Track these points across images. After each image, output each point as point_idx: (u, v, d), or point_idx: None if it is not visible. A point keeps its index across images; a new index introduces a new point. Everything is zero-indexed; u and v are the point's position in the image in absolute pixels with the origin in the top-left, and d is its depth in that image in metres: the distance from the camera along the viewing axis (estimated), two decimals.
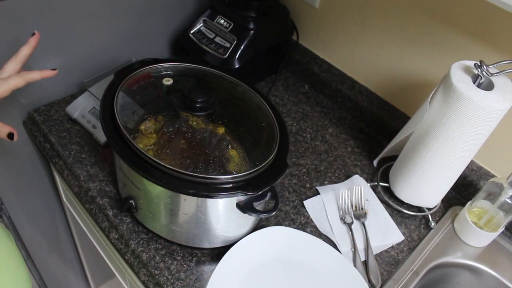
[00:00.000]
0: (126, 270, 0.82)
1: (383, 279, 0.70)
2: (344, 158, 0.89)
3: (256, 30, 0.91)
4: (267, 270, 0.66)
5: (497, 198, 0.72)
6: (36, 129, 0.86)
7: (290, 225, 0.75)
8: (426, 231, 0.79)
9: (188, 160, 0.72)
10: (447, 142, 0.68)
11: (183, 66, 0.75)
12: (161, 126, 0.77)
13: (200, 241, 0.68)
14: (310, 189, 0.82)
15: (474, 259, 0.75)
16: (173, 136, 0.76)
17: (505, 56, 0.71)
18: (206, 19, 0.95)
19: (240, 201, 0.60)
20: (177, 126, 0.78)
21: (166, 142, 0.75)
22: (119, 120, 0.63)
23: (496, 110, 0.63)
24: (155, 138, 0.75)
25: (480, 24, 0.72)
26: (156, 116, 0.78)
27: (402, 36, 0.84)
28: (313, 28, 1.01)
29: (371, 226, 0.77)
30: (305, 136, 0.93)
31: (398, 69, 0.88)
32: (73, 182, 0.78)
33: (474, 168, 0.82)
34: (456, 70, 0.67)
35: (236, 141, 0.78)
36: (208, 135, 0.77)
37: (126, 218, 0.72)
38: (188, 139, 0.76)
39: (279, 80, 1.06)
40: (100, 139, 0.82)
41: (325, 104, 1.02)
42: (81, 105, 0.84)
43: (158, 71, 0.73)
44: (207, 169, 0.71)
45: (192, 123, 0.79)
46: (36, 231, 1.11)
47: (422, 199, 0.78)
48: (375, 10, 0.86)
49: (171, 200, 0.61)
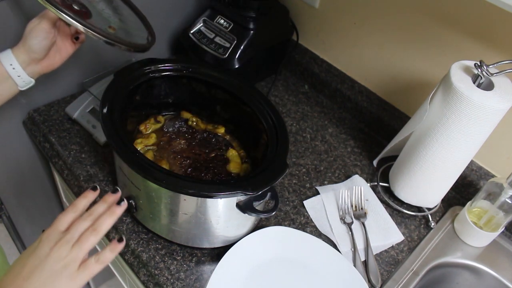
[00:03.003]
0: (126, 270, 0.82)
1: (383, 279, 0.70)
2: (344, 158, 0.89)
3: (256, 30, 0.91)
4: (267, 270, 0.66)
5: (497, 198, 0.72)
6: (36, 129, 0.86)
7: (290, 225, 0.75)
8: (426, 231, 0.79)
9: (188, 160, 0.72)
10: (447, 142, 0.68)
11: (183, 66, 0.75)
12: (161, 126, 0.77)
13: (200, 241, 0.68)
14: (310, 189, 0.82)
15: (474, 259, 0.75)
16: (173, 136, 0.76)
17: (505, 56, 0.71)
18: (206, 19, 0.95)
19: (240, 201, 0.60)
20: (177, 126, 0.78)
21: (166, 142, 0.75)
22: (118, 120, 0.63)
23: (496, 110, 0.63)
24: (155, 138, 0.75)
25: (480, 24, 0.72)
26: (156, 116, 0.78)
27: (402, 36, 0.84)
28: (313, 28, 1.01)
29: (371, 226, 0.77)
30: (305, 136, 0.93)
31: (398, 69, 0.88)
32: (73, 182, 0.78)
33: (474, 168, 0.82)
34: (456, 70, 0.67)
35: (236, 141, 0.78)
36: (208, 135, 0.77)
37: (126, 218, 0.72)
38: (188, 139, 0.76)
39: (279, 80, 1.06)
40: (100, 139, 0.82)
41: (325, 104, 1.02)
42: (81, 105, 0.84)
43: (158, 71, 0.73)
44: (207, 169, 0.71)
45: (192, 123, 0.79)
46: (36, 231, 1.11)
47: (422, 199, 0.78)
48: (375, 10, 0.86)
49: (171, 200, 0.61)
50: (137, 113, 0.76)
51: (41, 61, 0.65)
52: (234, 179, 0.69)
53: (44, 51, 0.64)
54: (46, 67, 0.66)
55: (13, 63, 0.63)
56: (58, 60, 0.68)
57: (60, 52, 0.67)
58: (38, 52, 0.63)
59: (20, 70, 0.63)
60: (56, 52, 0.67)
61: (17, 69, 0.63)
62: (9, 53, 0.63)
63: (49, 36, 0.63)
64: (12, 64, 0.63)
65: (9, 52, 0.63)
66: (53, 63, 0.67)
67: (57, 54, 0.67)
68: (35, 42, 0.62)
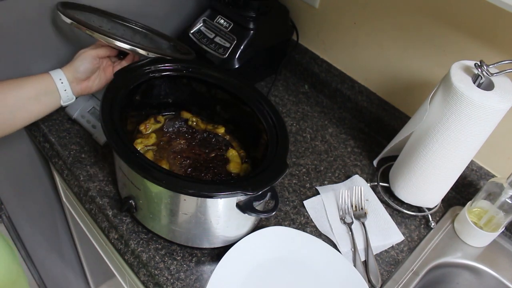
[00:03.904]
0: (126, 270, 0.82)
1: (383, 279, 0.70)
2: (344, 158, 0.89)
3: (256, 30, 0.91)
4: (267, 270, 0.66)
5: (497, 198, 0.72)
6: (36, 129, 0.86)
7: (290, 225, 0.75)
8: (426, 231, 0.79)
9: (188, 160, 0.72)
10: (447, 142, 0.68)
11: (183, 66, 0.75)
12: (161, 126, 0.77)
13: (200, 241, 0.68)
14: (310, 189, 0.82)
15: (474, 259, 0.75)
16: (173, 136, 0.76)
17: (505, 56, 0.71)
18: (206, 19, 0.95)
19: (240, 201, 0.60)
20: (177, 126, 0.78)
21: (166, 142, 0.75)
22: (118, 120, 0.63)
23: (496, 110, 0.63)
24: (155, 138, 0.75)
25: (480, 24, 0.72)
26: (156, 116, 0.78)
27: (402, 36, 0.84)
28: (313, 28, 1.01)
29: (371, 226, 0.77)
30: (305, 136, 0.93)
31: (398, 69, 0.88)
32: (73, 182, 0.78)
33: (474, 168, 0.82)
34: (456, 70, 0.67)
35: (236, 141, 0.78)
36: (208, 135, 0.77)
37: (125, 218, 0.72)
38: (188, 139, 0.76)
39: (279, 80, 1.06)
40: (99, 139, 0.82)
41: (325, 104, 1.02)
42: (80, 105, 0.84)
43: (158, 71, 0.73)
44: (207, 169, 0.71)
45: (192, 123, 0.79)
46: (36, 231, 1.11)
47: (422, 199, 0.78)
48: (375, 10, 0.86)
49: (171, 200, 0.61)
50: (137, 113, 0.76)
51: (82, 82, 0.75)
52: (234, 179, 0.69)
53: (87, 73, 0.75)
54: (85, 88, 0.76)
55: (62, 78, 0.72)
56: (97, 85, 0.77)
57: (100, 78, 0.77)
58: (82, 73, 0.74)
59: (67, 86, 0.73)
60: (96, 78, 0.77)
61: (65, 84, 0.73)
62: (59, 71, 0.73)
63: (93, 62, 0.74)
64: (61, 79, 0.72)
65: (59, 70, 0.73)
66: (91, 86, 0.77)
67: (97, 79, 0.77)
68: (80, 64, 0.73)
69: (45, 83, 0.71)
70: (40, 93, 0.71)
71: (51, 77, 0.71)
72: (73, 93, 0.74)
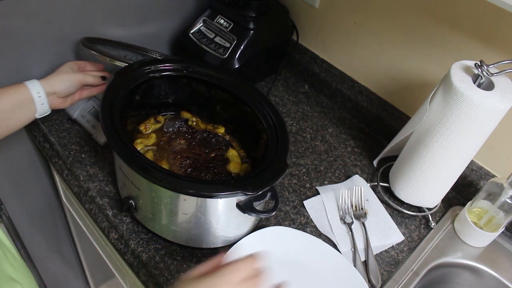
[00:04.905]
0: (126, 270, 0.82)
1: (383, 279, 0.70)
2: (344, 158, 0.89)
3: (256, 30, 0.91)
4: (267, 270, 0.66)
5: (497, 198, 0.72)
6: (36, 129, 0.86)
7: (290, 225, 0.75)
8: (426, 231, 0.79)
9: (188, 160, 0.72)
10: (447, 142, 0.68)
11: (183, 66, 0.75)
12: (161, 126, 0.77)
13: (200, 241, 0.68)
14: (310, 189, 0.82)
15: (474, 259, 0.75)
16: (173, 136, 0.76)
17: (505, 56, 0.71)
18: (206, 19, 0.95)
19: (240, 201, 0.60)
20: (177, 126, 0.78)
21: (166, 142, 0.75)
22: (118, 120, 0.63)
23: (496, 110, 0.63)
24: (155, 138, 0.75)
25: (480, 24, 0.72)
26: (156, 116, 0.78)
27: (402, 36, 0.84)
28: (313, 28, 1.00)
29: (371, 226, 0.77)
30: (305, 136, 0.93)
31: (398, 69, 0.88)
32: (73, 182, 0.78)
33: (474, 168, 0.82)
34: (456, 70, 0.67)
35: (236, 141, 0.78)
36: (208, 135, 0.77)
37: (125, 218, 0.71)
38: (188, 139, 0.76)
39: (279, 80, 1.06)
40: (99, 139, 0.82)
41: (325, 104, 1.02)
42: (80, 105, 0.84)
43: (158, 71, 0.73)
44: (207, 169, 0.71)
45: (192, 123, 0.79)
46: (36, 231, 1.11)
47: (422, 199, 0.78)
48: (375, 10, 0.86)
49: (171, 200, 0.61)
50: (137, 113, 0.76)
51: (59, 98, 0.75)
52: (234, 179, 0.69)
53: (66, 94, 0.75)
54: (60, 104, 0.76)
55: (40, 91, 0.70)
56: (70, 102, 0.78)
57: (74, 98, 0.78)
58: (61, 92, 0.74)
59: (45, 99, 0.71)
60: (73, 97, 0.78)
61: (42, 98, 0.71)
62: (36, 83, 0.70)
63: (77, 86, 0.75)
64: (39, 93, 0.70)
65: (36, 82, 0.71)
66: (66, 102, 0.77)
67: (70, 98, 0.77)
68: (62, 84, 0.73)
69: (21, 95, 0.68)
70: (15, 106, 0.68)
71: (28, 89, 0.69)
72: (49, 107, 0.73)
